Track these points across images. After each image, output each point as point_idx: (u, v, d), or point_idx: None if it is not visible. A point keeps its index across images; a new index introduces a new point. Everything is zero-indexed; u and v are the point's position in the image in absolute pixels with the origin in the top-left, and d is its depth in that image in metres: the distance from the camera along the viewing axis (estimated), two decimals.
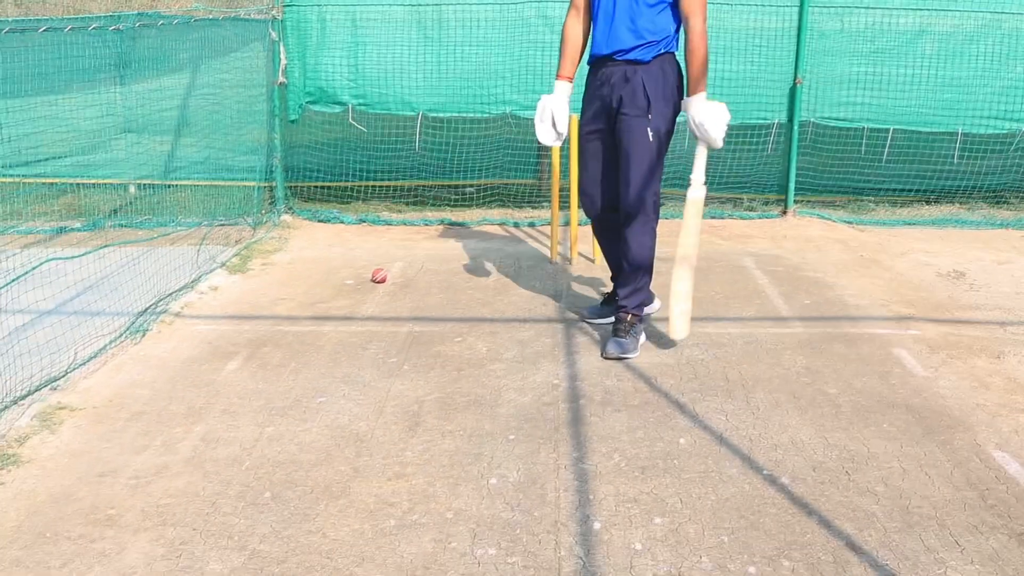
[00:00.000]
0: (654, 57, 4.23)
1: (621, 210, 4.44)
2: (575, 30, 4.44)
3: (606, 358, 4.30)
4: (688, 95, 4.22)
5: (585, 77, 4.46)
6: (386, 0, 6.96)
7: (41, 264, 4.19)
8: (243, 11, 6.94)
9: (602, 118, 4.40)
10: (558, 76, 4.44)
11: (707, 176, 4.37)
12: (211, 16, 6.73)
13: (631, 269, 4.48)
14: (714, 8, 6.90)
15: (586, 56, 4.47)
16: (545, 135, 4.42)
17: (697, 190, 4.34)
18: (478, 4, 6.89)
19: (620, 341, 4.34)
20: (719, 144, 4.21)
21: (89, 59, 7.61)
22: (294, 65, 7.09)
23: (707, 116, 4.14)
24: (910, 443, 3.43)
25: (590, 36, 4.42)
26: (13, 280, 4.01)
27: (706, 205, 7.13)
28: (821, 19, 6.97)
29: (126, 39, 7.47)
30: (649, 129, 4.27)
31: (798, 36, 6.95)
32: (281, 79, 7.07)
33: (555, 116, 4.37)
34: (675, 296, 4.37)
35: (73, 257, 4.53)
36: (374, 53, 7.02)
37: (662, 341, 4.51)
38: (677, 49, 4.33)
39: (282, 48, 7.04)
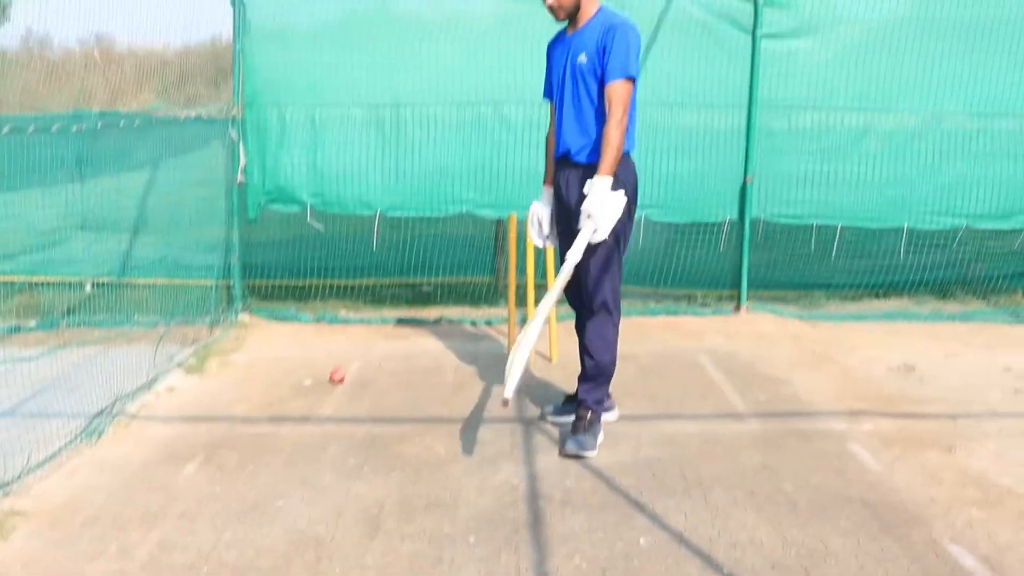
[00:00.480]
0: None
1: (584, 306, 4.56)
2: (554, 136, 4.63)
3: (564, 455, 4.31)
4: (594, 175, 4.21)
5: None
6: (345, 101, 7.05)
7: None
8: (204, 111, 7.02)
9: (564, 219, 4.54)
10: (544, 182, 4.72)
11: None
12: (172, 116, 6.79)
13: (591, 364, 4.54)
14: (665, 108, 7.08)
15: None
16: (536, 239, 4.74)
17: (566, 271, 4.26)
18: (435, 105, 7.00)
19: (578, 439, 4.35)
20: (602, 236, 4.18)
21: (49, 158, 7.65)
22: (253, 164, 7.14)
23: (598, 203, 4.14)
24: (867, 539, 3.47)
25: None
26: None
27: (659, 302, 7.33)
28: (769, 119, 7.12)
29: (86, 138, 7.52)
30: None
31: (747, 135, 7.11)
32: (240, 178, 7.12)
33: (541, 221, 4.67)
34: (512, 363, 4.11)
35: (29, 360, 4.50)
36: (332, 153, 7.08)
37: (619, 439, 4.54)
38: (632, 148, 4.45)
39: (242, 147, 7.10)
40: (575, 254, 4.21)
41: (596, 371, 4.54)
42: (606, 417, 4.69)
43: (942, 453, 4.34)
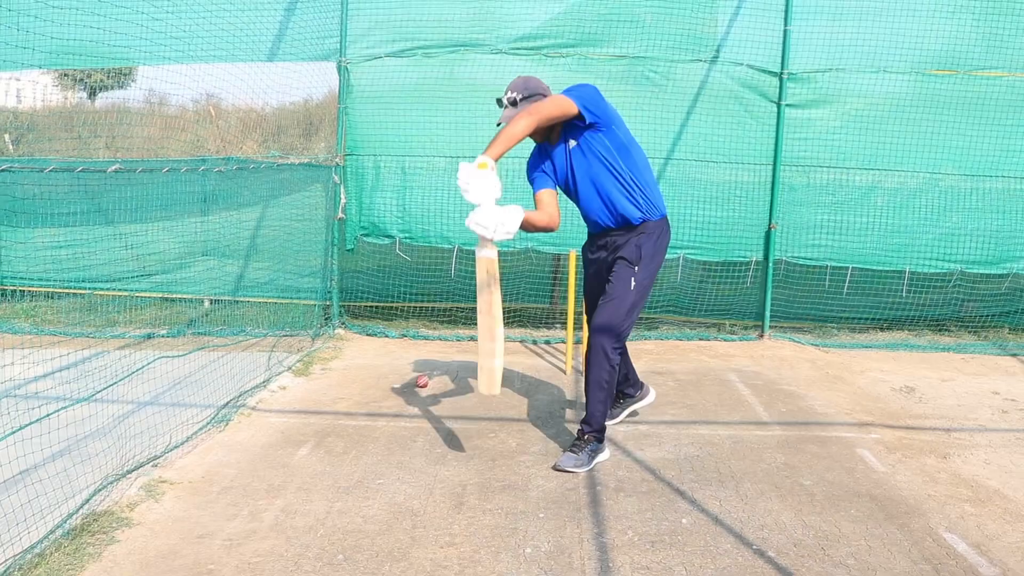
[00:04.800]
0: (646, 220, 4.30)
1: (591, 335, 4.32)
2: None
3: (556, 469, 4.17)
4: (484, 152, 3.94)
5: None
6: (430, 152, 7.27)
7: (153, 362, 4.39)
8: (313, 158, 7.27)
9: (596, 275, 4.48)
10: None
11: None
12: (287, 161, 7.05)
13: (589, 388, 4.32)
14: (701, 164, 7.24)
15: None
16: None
17: (486, 247, 4.07)
18: (506, 157, 7.17)
19: (573, 456, 4.22)
20: (474, 200, 3.92)
21: (179, 195, 7.97)
22: (352, 203, 7.39)
23: (467, 176, 3.92)
24: (874, 526, 3.57)
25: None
26: (129, 374, 4.21)
27: (692, 329, 7.45)
28: (791, 175, 7.26)
29: (210, 179, 7.83)
30: (634, 279, 4.26)
31: (772, 189, 7.25)
32: (340, 215, 7.36)
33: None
34: (479, 352, 4.13)
35: (178, 355, 4.73)
36: (419, 195, 7.31)
37: (663, 440, 4.66)
38: (665, 210, 4.38)
39: (342, 189, 7.34)
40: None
41: (593, 396, 4.31)
42: (599, 459, 4.29)
43: (938, 459, 4.41)
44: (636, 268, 4.27)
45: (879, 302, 7.54)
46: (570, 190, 4.40)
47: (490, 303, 4.10)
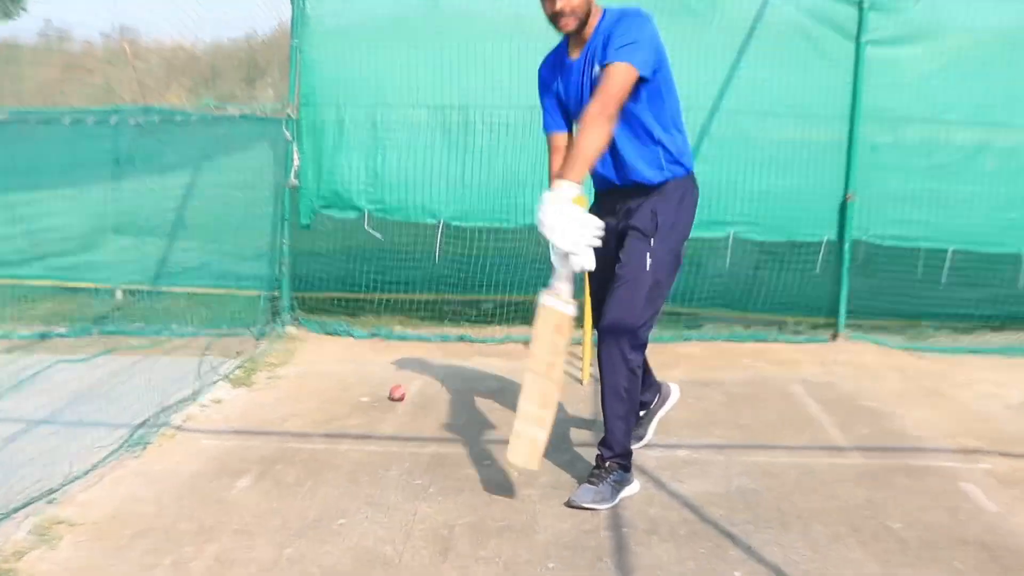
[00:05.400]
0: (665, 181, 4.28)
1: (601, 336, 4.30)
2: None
3: (570, 506, 4.15)
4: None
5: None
6: (408, 102, 7.24)
7: (48, 368, 4.35)
8: (257, 109, 7.23)
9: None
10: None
11: (571, 290, 4.09)
12: (225, 113, 7.00)
13: (605, 402, 4.29)
14: (758, 118, 7.20)
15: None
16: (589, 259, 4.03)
17: (550, 297, 4.12)
18: (506, 108, 7.16)
19: (592, 488, 4.20)
20: (558, 243, 3.87)
21: (83, 155, 7.90)
22: (307, 167, 7.36)
23: (551, 212, 3.86)
24: None
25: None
26: (17, 384, 4.17)
27: (746, 327, 7.41)
28: (873, 132, 7.23)
29: (124, 134, 7.77)
30: (650, 255, 4.21)
31: (848, 149, 7.22)
32: (293, 181, 7.32)
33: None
34: (518, 413, 4.21)
35: (82, 360, 4.70)
36: (394, 157, 7.30)
37: (708, 468, 4.62)
38: (692, 165, 4.36)
39: (296, 149, 7.31)
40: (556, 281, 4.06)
41: (611, 417, 4.29)
42: (624, 493, 4.27)
43: None
44: (652, 241, 4.21)
45: (989, 295, 7.51)
46: (573, 119, 4.33)
47: (552, 365, 4.17)
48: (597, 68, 4.11)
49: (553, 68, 4.40)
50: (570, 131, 4.38)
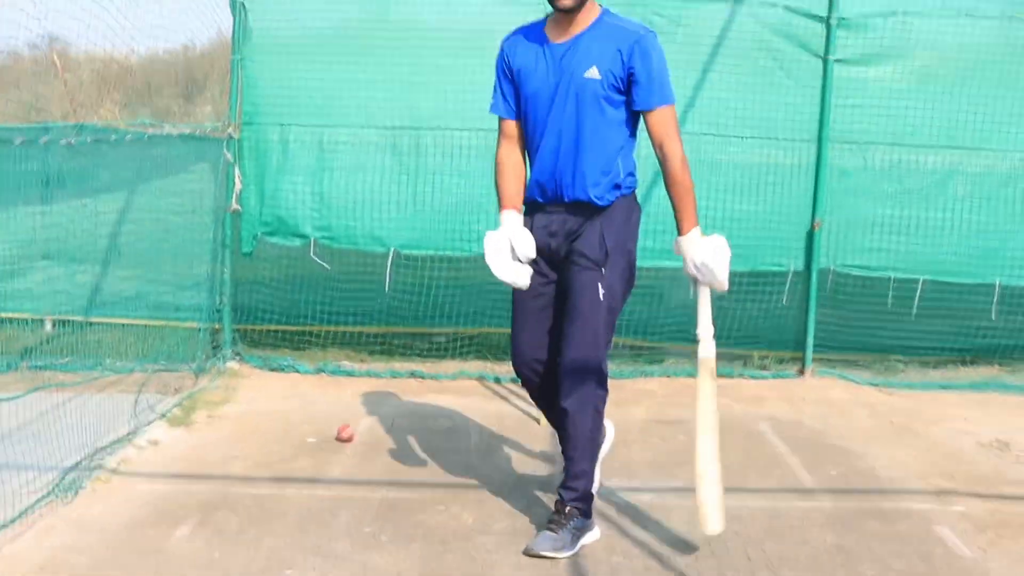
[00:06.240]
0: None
1: (561, 389, 4.30)
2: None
3: (528, 554, 4.14)
4: (680, 233, 4.15)
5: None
6: (357, 122, 7.23)
7: None
8: (196, 128, 7.19)
9: (544, 273, 4.35)
10: (504, 208, 4.33)
11: (716, 328, 4.30)
12: (162, 132, 6.94)
13: (569, 453, 4.31)
14: (721, 141, 7.25)
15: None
16: (516, 275, 4.16)
17: (707, 346, 4.29)
18: (460, 130, 7.15)
19: (551, 536, 4.18)
20: (726, 286, 4.18)
21: (9, 176, 7.81)
22: (250, 190, 7.31)
23: (708, 255, 4.10)
24: None
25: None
26: None
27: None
28: (841, 156, 7.29)
29: (54, 153, 7.69)
30: (601, 285, 4.24)
31: (816, 174, 7.27)
32: (234, 206, 7.28)
33: (514, 244, 4.17)
34: (700, 479, 4.18)
35: (8, 399, 4.63)
36: (342, 181, 7.26)
37: (672, 513, 4.65)
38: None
39: (237, 171, 7.27)
40: (705, 327, 4.25)
41: (574, 461, 4.30)
42: (585, 540, 4.27)
43: None
44: (603, 270, 4.23)
45: (961, 327, 7.57)
46: (532, 116, 4.31)
47: (716, 415, 4.31)
48: (593, 71, 4.12)
49: (521, 46, 4.36)
50: (522, 119, 4.36)
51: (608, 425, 4.81)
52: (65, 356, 7.26)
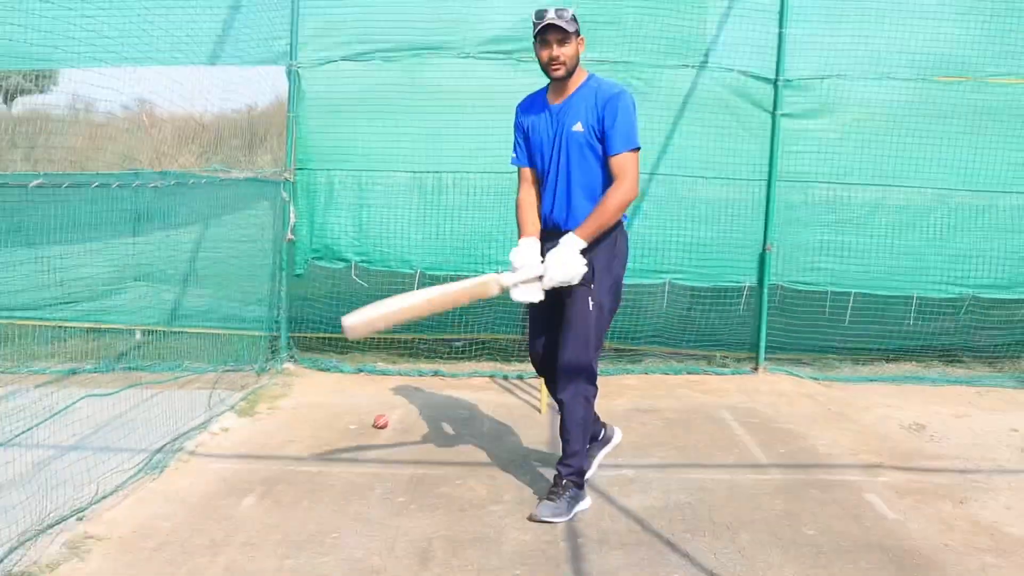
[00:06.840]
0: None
1: (559, 383, 4.38)
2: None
3: (532, 520, 4.16)
4: (572, 232, 4.16)
5: None
6: (389, 167, 7.26)
7: (78, 401, 4.32)
8: (259, 172, 7.23)
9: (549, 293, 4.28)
10: (521, 235, 4.40)
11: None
12: (230, 177, 6.99)
13: (565, 436, 4.34)
14: (689, 180, 7.28)
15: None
16: (533, 292, 4.21)
17: (508, 277, 4.19)
18: (475, 173, 7.19)
19: (551, 504, 4.21)
20: (547, 283, 4.12)
21: (108, 214, 7.85)
22: (302, 223, 7.36)
23: (563, 257, 4.10)
24: None
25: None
26: (51, 416, 4.13)
27: (680, 362, 7.46)
28: (787, 192, 7.30)
29: (144, 195, 7.73)
30: (591, 299, 4.25)
31: (767, 207, 7.29)
32: (290, 236, 7.32)
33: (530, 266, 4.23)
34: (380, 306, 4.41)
35: (107, 394, 4.66)
36: (377, 214, 7.30)
37: (650, 485, 4.65)
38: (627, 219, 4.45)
39: (292, 207, 7.31)
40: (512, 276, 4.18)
41: (570, 443, 4.32)
42: (579, 508, 4.29)
43: (954, 504, 4.43)
44: (592, 286, 4.24)
45: (885, 331, 7.57)
46: (541, 166, 4.42)
47: (445, 294, 4.30)
48: (578, 126, 4.23)
49: (530, 109, 4.50)
50: (533, 166, 4.46)
51: (616, 430, 4.89)
52: (152, 359, 7.30)
